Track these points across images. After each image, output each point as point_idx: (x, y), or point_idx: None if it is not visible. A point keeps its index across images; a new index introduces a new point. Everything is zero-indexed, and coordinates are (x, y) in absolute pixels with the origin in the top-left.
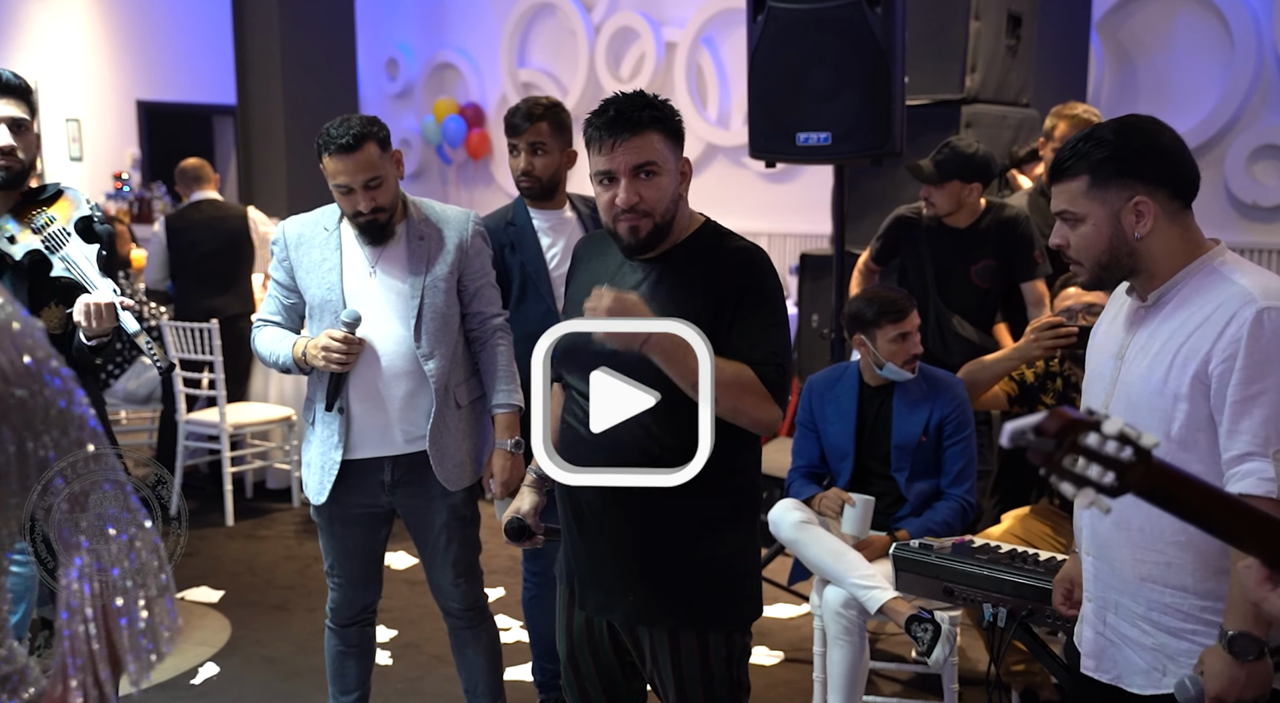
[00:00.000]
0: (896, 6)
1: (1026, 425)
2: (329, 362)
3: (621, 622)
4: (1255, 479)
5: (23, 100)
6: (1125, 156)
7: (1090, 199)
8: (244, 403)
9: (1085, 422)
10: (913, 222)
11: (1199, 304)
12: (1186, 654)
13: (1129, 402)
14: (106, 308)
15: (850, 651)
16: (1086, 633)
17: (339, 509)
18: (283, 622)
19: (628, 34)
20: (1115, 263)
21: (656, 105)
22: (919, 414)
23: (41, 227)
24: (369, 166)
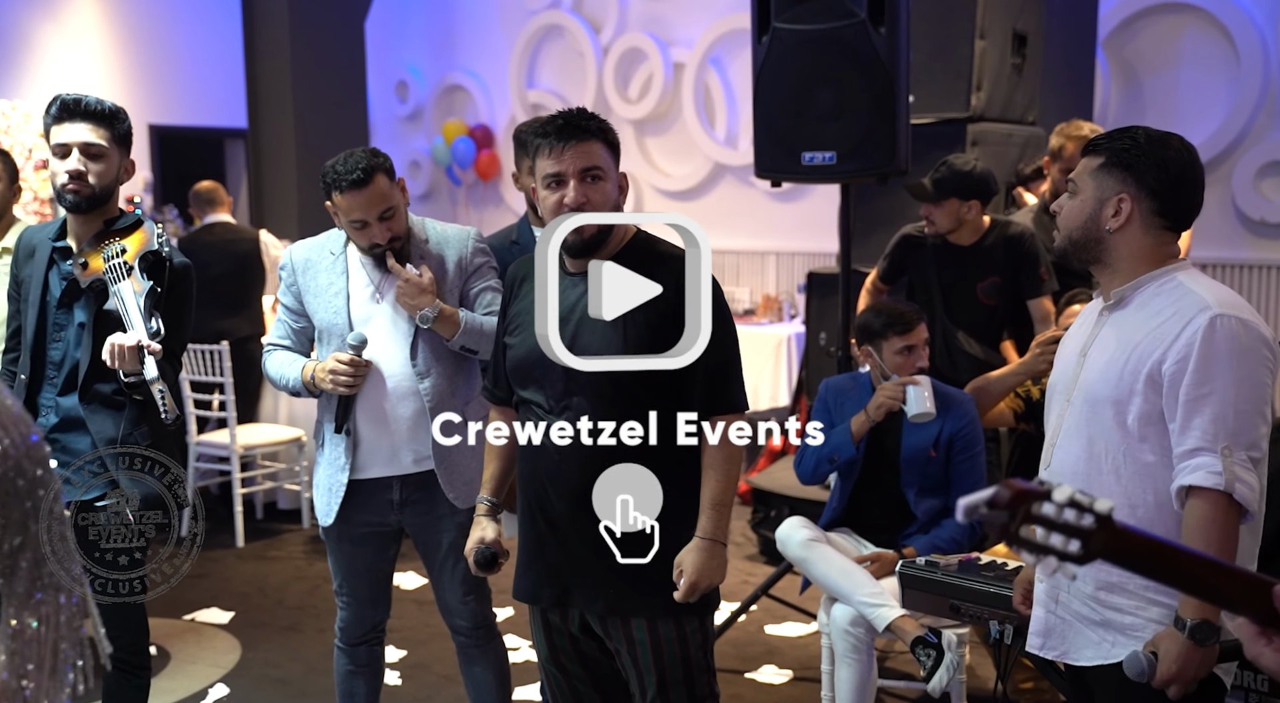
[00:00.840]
0: (901, 26)
1: (979, 500)
2: (336, 384)
3: (602, 615)
4: (1204, 473)
5: (103, 126)
6: (1135, 156)
7: (1092, 178)
8: (254, 424)
9: (1036, 492)
10: (918, 240)
11: (1157, 307)
12: (1132, 629)
13: (1088, 395)
14: (130, 351)
15: (858, 669)
16: (1037, 612)
17: (347, 528)
18: (293, 643)
19: (636, 55)
20: (1083, 243)
21: (600, 119)
22: (929, 428)
23: (111, 256)
24: (382, 199)
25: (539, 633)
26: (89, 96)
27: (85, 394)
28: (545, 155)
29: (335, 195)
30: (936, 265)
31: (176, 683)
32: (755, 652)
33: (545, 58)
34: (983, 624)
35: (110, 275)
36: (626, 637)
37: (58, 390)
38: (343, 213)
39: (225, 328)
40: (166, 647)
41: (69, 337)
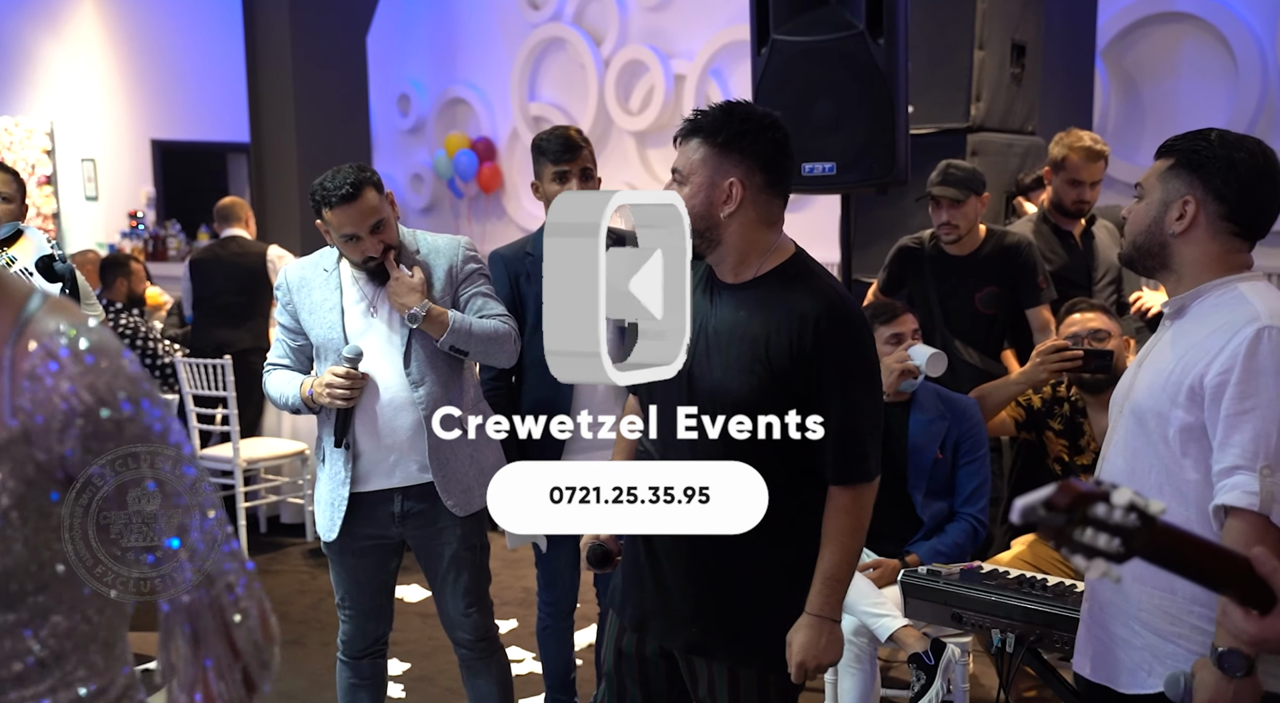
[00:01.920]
0: (899, 37)
1: (1036, 501)
2: (333, 398)
3: (682, 650)
4: (1240, 492)
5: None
6: (1204, 157)
7: (1160, 181)
8: (257, 438)
9: (1094, 493)
10: (915, 252)
11: (1211, 319)
12: (1172, 657)
13: (1135, 408)
14: None
15: (861, 679)
16: (1081, 633)
17: (350, 541)
18: (296, 657)
19: (637, 67)
20: (1147, 248)
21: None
22: (935, 432)
23: (2, 268)
24: (372, 211)
25: (610, 641)
26: None
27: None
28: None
29: (326, 212)
30: (934, 276)
31: None
32: None
33: (547, 70)
34: (985, 633)
35: None
36: (707, 677)
37: None
38: (334, 228)
39: (228, 339)
40: None
41: None
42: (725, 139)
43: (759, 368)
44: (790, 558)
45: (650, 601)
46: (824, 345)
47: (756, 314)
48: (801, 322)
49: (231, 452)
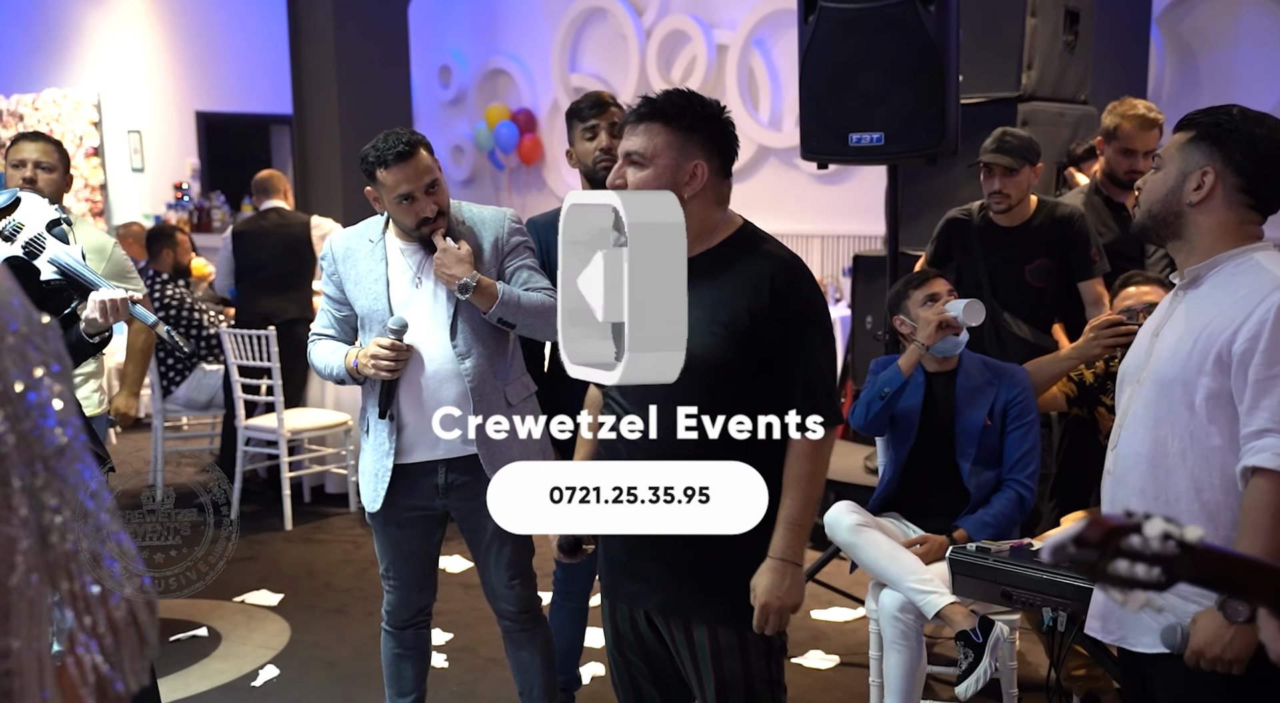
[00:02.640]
0: (950, 4)
1: (1066, 538)
2: (378, 370)
3: (657, 612)
4: (1270, 454)
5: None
6: (1226, 131)
7: (1179, 152)
8: (302, 409)
9: (1126, 526)
10: (964, 223)
11: (1231, 287)
12: (1173, 608)
13: (1157, 377)
14: (121, 302)
15: (907, 655)
16: (1096, 595)
17: (394, 512)
18: (341, 625)
19: (679, 37)
20: (1163, 217)
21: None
22: (984, 399)
23: (12, 234)
24: (427, 170)
25: (606, 620)
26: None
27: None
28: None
29: (380, 172)
30: (983, 248)
31: (228, 664)
32: (802, 637)
33: (588, 41)
34: (1035, 611)
35: (28, 249)
36: (687, 640)
37: None
38: (389, 189)
39: (273, 309)
40: (218, 628)
41: None
42: (689, 124)
43: (718, 328)
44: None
45: (622, 565)
46: (779, 300)
47: (712, 282)
48: (757, 281)
49: (276, 422)
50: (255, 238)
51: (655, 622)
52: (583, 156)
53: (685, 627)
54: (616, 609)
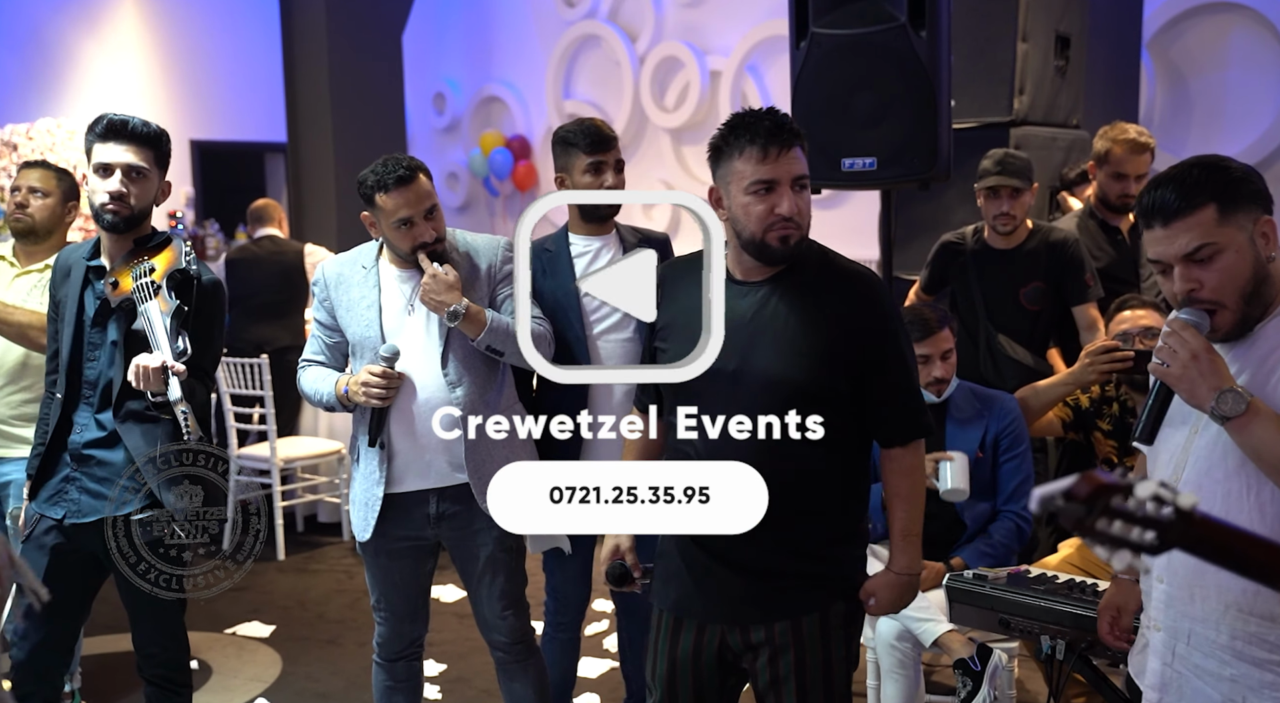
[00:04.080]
0: (942, 29)
1: (1056, 491)
2: (369, 397)
3: (745, 622)
4: None
5: (147, 147)
6: (1238, 180)
7: (1226, 225)
8: (294, 437)
9: (1117, 486)
10: (958, 247)
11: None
12: (1270, 687)
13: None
14: (155, 372)
15: (905, 684)
16: (1153, 664)
17: (384, 542)
18: (333, 657)
19: (672, 64)
20: (1257, 291)
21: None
22: (973, 432)
23: (140, 275)
24: (426, 195)
25: (663, 649)
26: (135, 118)
27: (119, 411)
28: (750, 158)
29: (380, 196)
30: (978, 271)
31: (217, 697)
32: None
33: (582, 68)
34: (1033, 639)
35: (138, 295)
36: (768, 639)
37: (94, 409)
38: (387, 214)
39: (265, 337)
40: (208, 660)
41: (103, 355)
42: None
43: (814, 352)
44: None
45: (708, 591)
46: (873, 317)
47: (793, 303)
48: (845, 300)
49: (269, 451)
50: (249, 265)
51: (725, 646)
52: (582, 189)
53: (771, 630)
54: (680, 640)
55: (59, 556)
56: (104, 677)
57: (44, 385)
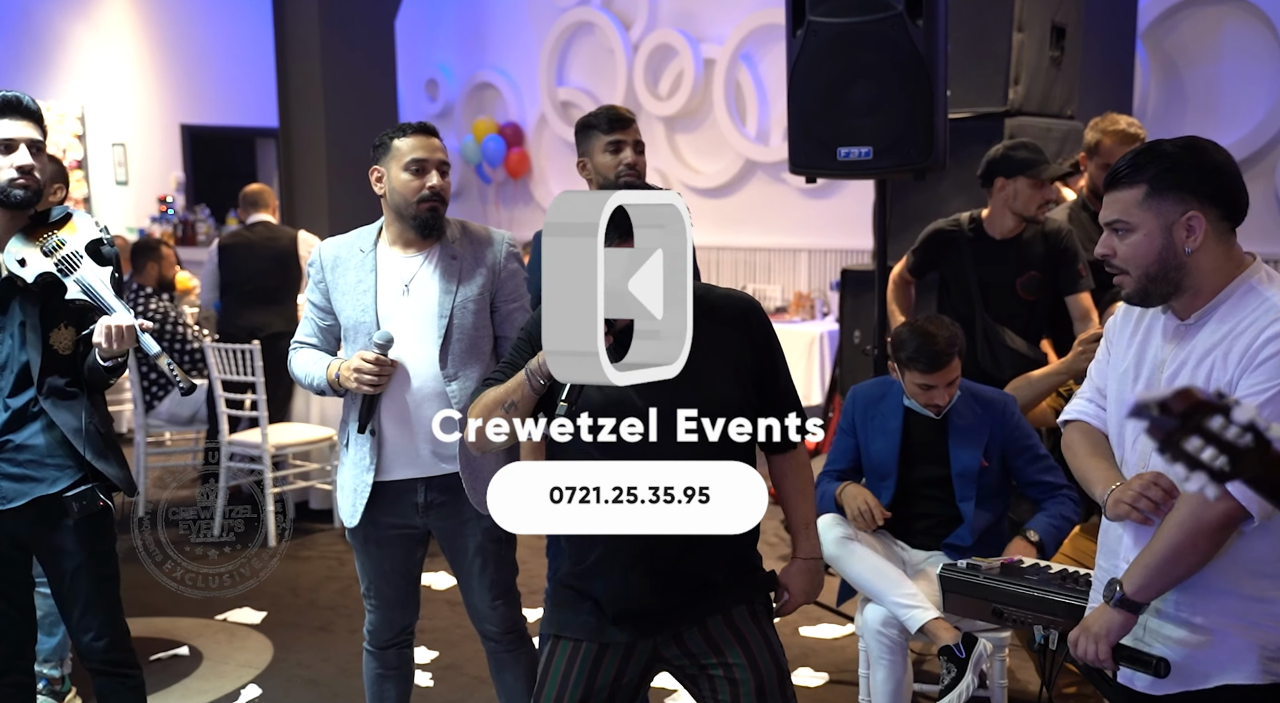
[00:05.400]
0: (939, 19)
1: (1153, 399)
2: (361, 384)
3: (682, 630)
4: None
5: (37, 123)
6: (1185, 171)
7: (1145, 209)
8: (286, 424)
9: (1214, 405)
10: (952, 235)
11: (1235, 321)
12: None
13: None
14: (127, 330)
15: (892, 670)
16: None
17: (374, 531)
18: (325, 643)
19: (666, 51)
20: (1163, 276)
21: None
22: (976, 438)
23: (52, 249)
24: (442, 151)
25: (578, 677)
26: (24, 95)
27: (42, 389)
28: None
29: (398, 140)
30: (975, 260)
31: (209, 684)
32: (791, 654)
33: (575, 55)
34: (1027, 629)
35: (62, 267)
36: (710, 644)
37: (6, 393)
38: (401, 156)
39: (258, 323)
40: (199, 647)
41: (9, 339)
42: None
43: (738, 367)
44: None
45: (634, 608)
46: (763, 333)
47: (711, 320)
48: (744, 319)
49: (260, 437)
50: (242, 250)
51: (648, 667)
52: (603, 170)
53: (707, 630)
54: (601, 669)
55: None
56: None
57: None
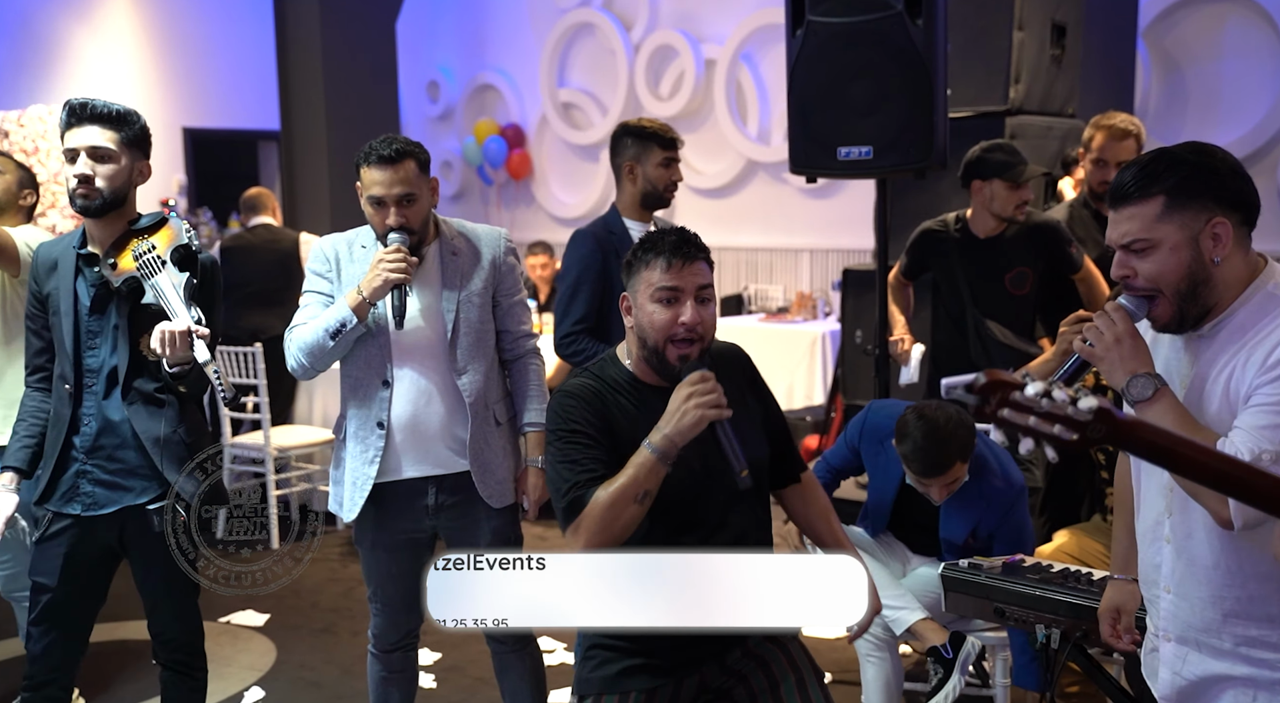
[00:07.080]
0: (938, 18)
1: (959, 383)
2: (392, 272)
3: (736, 662)
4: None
5: (111, 129)
6: (1205, 176)
7: (1166, 222)
8: (288, 426)
9: (1011, 382)
10: (940, 235)
11: (1254, 328)
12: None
13: (1219, 428)
14: (180, 336)
15: (882, 668)
16: (1164, 675)
17: (382, 535)
18: (328, 645)
19: (667, 52)
20: (1192, 293)
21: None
22: (967, 516)
23: (140, 254)
24: (405, 181)
25: None
26: (97, 100)
27: (127, 394)
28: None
29: (363, 168)
30: (962, 258)
31: (212, 686)
32: None
33: (576, 56)
34: (1028, 628)
35: (144, 271)
36: (764, 670)
37: (100, 397)
38: (365, 188)
39: (260, 325)
40: None
41: (104, 342)
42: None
43: (754, 420)
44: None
45: (681, 647)
46: (759, 378)
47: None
48: (746, 368)
49: (262, 439)
50: (244, 253)
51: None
52: (656, 180)
53: (760, 658)
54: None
55: (75, 551)
56: (98, 664)
57: (24, 382)
